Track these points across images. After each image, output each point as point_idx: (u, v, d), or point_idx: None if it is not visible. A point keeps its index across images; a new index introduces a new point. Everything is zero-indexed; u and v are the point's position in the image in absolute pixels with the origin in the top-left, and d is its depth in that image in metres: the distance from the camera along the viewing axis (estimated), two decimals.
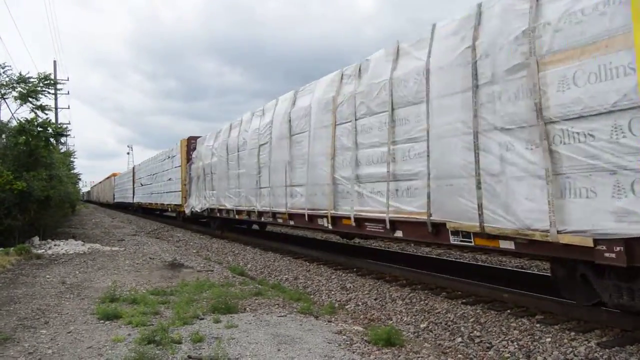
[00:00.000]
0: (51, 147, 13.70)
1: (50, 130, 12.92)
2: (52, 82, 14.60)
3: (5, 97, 13.65)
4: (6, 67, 13.47)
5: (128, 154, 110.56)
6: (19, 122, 12.71)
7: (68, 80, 50.44)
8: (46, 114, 13.94)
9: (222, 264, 10.14)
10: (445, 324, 5.25)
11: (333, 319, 5.44)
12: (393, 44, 6.96)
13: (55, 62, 60.95)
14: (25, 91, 13.32)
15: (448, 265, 8.72)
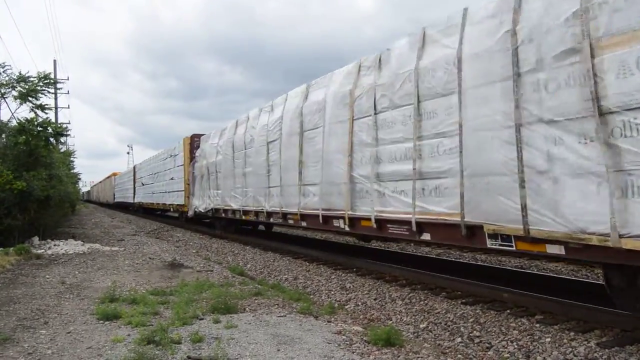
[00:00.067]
0: (51, 146, 13.69)
1: (50, 129, 12.91)
2: (51, 81, 14.59)
3: (5, 96, 13.65)
4: (6, 66, 13.48)
5: (128, 153, 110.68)
6: (18, 122, 12.70)
7: (68, 79, 50.61)
8: (46, 113, 13.93)
9: (222, 264, 10.14)
10: (445, 324, 5.25)
11: (333, 319, 5.44)
12: (418, 31, 6.45)
13: (55, 61, 61.11)
14: (25, 90, 13.31)
15: (448, 265, 8.72)
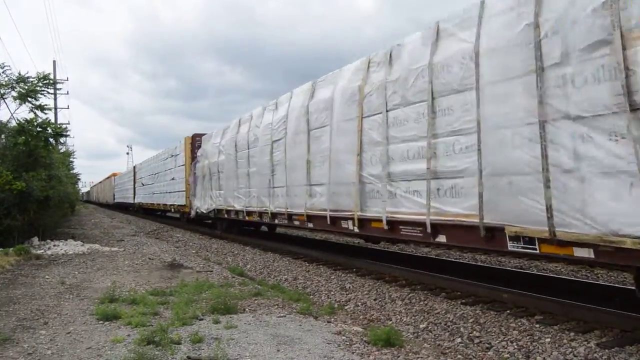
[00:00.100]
0: (50, 147, 13.70)
1: (49, 130, 12.93)
2: (51, 81, 14.59)
3: (4, 97, 13.65)
4: (5, 67, 13.48)
5: (128, 154, 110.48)
6: (18, 122, 12.71)
7: (67, 80, 50.45)
8: (45, 114, 13.95)
9: (222, 265, 10.14)
10: (445, 325, 5.24)
11: (332, 319, 5.44)
12: (431, 25, 6.20)
13: (54, 61, 61.18)
14: (24, 91, 13.31)
15: (447, 265, 8.72)
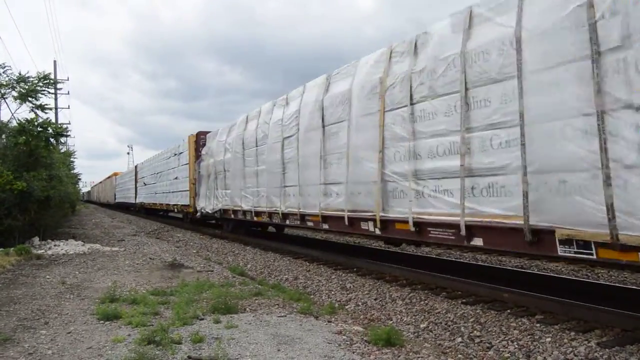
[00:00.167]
0: (51, 147, 13.70)
1: (50, 130, 12.94)
2: (51, 81, 14.61)
3: (5, 97, 13.66)
4: (6, 67, 13.49)
5: (128, 153, 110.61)
6: (19, 122, 12.72)
7: (68, 80, 50.48)
8: (46, 113, 13.97)
9: (222, 264, 10.14)
10: (445, 324, 5.24)
11: (333, 319, 5.44)
12: (463, 10, 5.78)
13: (55, 62, 61.04)
14: (24, 91, 13.32)
15: (448, 265, 8.72)
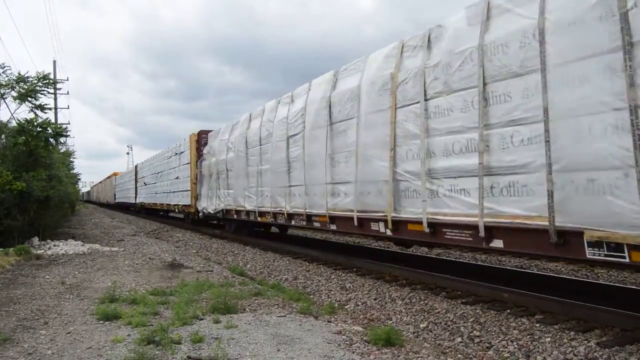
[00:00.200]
0: (51, 147, 13.70)
1: (49, 130, 12.93)
2: (50, 81, 14.59)
3: (4, 97, 13.66)
4: (5, 67, 13.48)
5: (128, 154, 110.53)
6: (18, 122, 12.71)
7: (68, 80, 50.41)
8: (45, 113, 13.96)
9: (222, 264, 10.14)
10: (445, 324, 5.24)
11: (333, 319, 5.44)
12: (479, 1, 5.57)
13: (54, 62, 61.09)
14: (24, 91, 13.31)
15: (447, 265, 8.72)
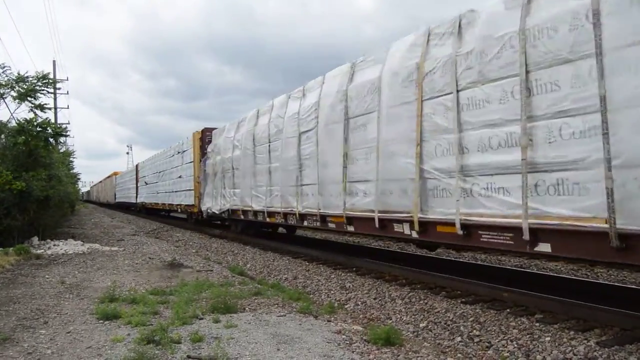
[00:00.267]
0: (50, 147, 13.71)
1: (49, 130, 12.94)
2: (50, 81, 14.58)
3: (4, 97, 13.65)
4: (5, 67, 13.47)
5: (127, 153, 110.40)
6: (18, 122, 12.71)
7: (67, 79, 50.49)
8: (45, 113, 13.94)
9: (222, 264, 10.14)
10: (445, 324, 5.25)
11: (332, 318, 5.44)
12: None
13: (54, 61, 60.90)
14: (23, 90, 13.30)
15: (447, 264, 8.73)
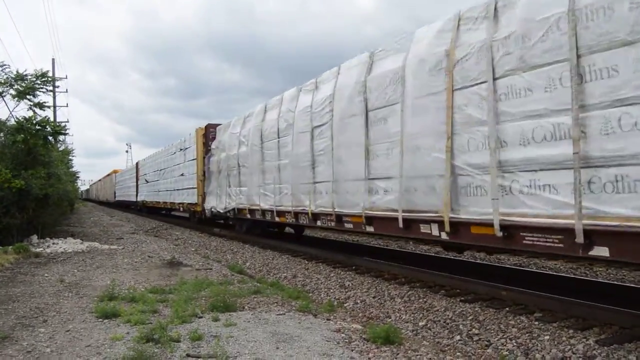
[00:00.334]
0: (49, 145, 13.70)
1: (48, 128, 12.93)
2: (49, 79, 14.57)
3: (3, 95, 13.63)
4: (4, 65, 13.45)
5: (127, 152, 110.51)
6: (17, 120, 12.70)
7: (66, 78, 50.50)
8: (44, 111, 13.95)
9: (221, 262, 10.14)
10: (444, 322, 5.25)
11: (332, 317, 5.44)
12: None
13: (53, 60, 61.06)
14: (22, 88, 13.29)
15: (447, 263, 8.73)
